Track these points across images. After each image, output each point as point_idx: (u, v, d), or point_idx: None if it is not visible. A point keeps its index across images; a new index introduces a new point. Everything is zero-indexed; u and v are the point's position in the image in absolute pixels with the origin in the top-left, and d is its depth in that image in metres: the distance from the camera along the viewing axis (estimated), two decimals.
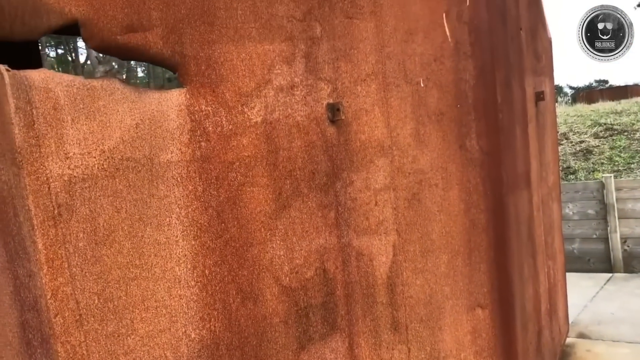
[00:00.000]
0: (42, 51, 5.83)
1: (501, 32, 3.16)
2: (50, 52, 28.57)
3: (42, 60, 5.71)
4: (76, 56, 30.49)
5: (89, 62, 25.14)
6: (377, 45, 2.40)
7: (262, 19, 2.04)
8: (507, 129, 3.20)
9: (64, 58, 30.22)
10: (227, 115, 1.95)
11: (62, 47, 28.85)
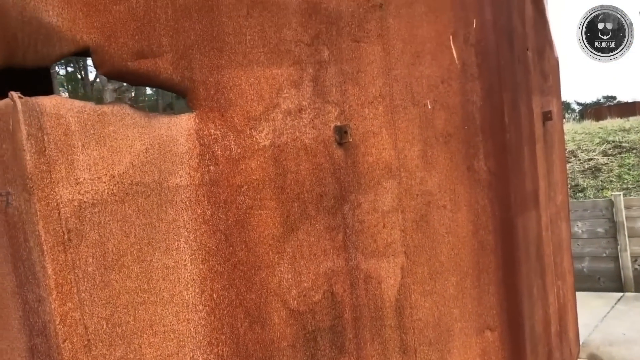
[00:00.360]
0: (51, 69, 5.88)
1: (508, 53, 3.17)
2: (60, 70, 28.87)
3: (52, 78, 5.76)
4: (85, 74, 30.79)
5: (98, 80, 25.38)
6: (385, 68, 2.42)
7: (270, 43, 2.06)
8: (515, 149, 3.20)
9: (73, 76, 30.54)
10: (235, 139, 1.96)
11: (72, 65, 29.17)
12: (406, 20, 2.50)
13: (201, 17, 1.87)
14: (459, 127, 2.73)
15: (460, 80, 2.74)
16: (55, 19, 1.56)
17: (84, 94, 32.11)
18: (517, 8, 3.40)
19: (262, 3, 2.02)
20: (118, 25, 1.68)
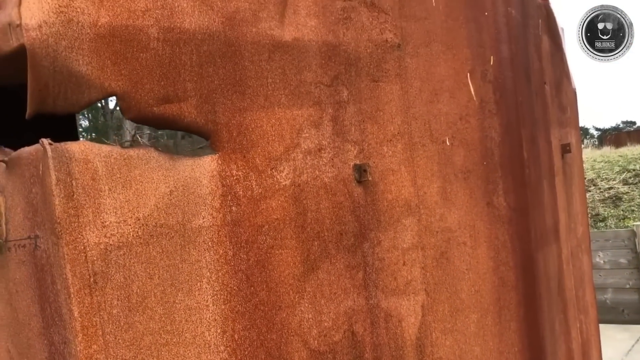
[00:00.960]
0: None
1: (526, 88, 3.19)
2: None
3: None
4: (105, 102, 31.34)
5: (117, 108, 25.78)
6: (403, 107, 2.45)
7: (291, 85, 2.10)
8: (534, 184, 3.19)
9: (94, 105, 31.20)
10: (257, 179, 1.99)
11: None
12: (424, 59, 2.54)
13: (225, 62, 1.92)
14: (478, 163, 2.74)
15: (479, 117, 2.76)
16: (85, 68, 1.62)
17: (104, 122, 32.63)
18: (534, 43, 3.43)
19: (283, 47, 2.08)
20: (145, 72, 1.74)
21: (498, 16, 2.89)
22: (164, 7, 1.79)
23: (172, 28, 1.80)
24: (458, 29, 2.69)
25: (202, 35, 1.87)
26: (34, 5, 1.54)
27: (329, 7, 2.21)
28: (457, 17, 2.68)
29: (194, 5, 1.85)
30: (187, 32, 1.83)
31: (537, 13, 3.53)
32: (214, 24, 1.90)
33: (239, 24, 1.96)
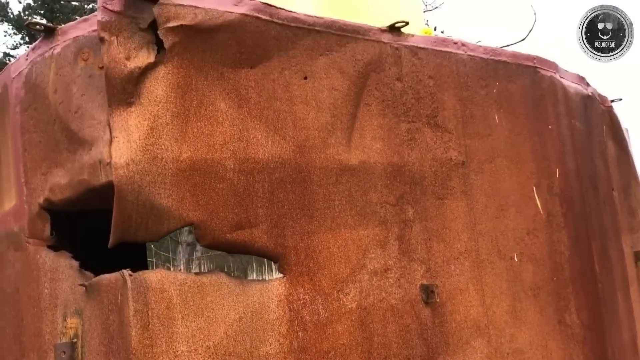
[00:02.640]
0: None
1: (593, 198, 3.11)
2: None
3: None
4: None
5: None
6: (469, 223, 2.43)
7: (357, 206, 2.13)
8: (608, 298, 3.03)
9: None
10: (323, 302, 1.98)
11: None
12: (489, 174, 2.54)
13: (294, 188, 1.98)
14: (547, 279, 2.64)
15: (547, 231, 2.70)
16: (166, 201, 1.70)
17: None
18: (599, 150, 3.38)
19: (350, 170, 2.13)
20: (220, 202, 1.81)
21: (562, 129, 2.89)
22: (240, 139, 1.89)
23: (247, 159, 1.89)
24: (522, 144, 2.69)
25: (274, 163, 1.95)
26: (123, 145, 1.66)
27: (394, 130, 2.28)
28: (520, 132, 2.70)
29: (267, 136, 1.95)
30: (261, 162, 1.92)
31: (600, 120, 3.50)
32: (285, 152, 1.98)
33: (309, 151, 2.04)
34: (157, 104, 1.74)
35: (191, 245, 12.71)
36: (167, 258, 13.28)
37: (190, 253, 13.24)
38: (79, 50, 1.90)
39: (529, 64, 2.80)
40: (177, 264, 13.60)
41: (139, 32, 1.77)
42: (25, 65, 2.11)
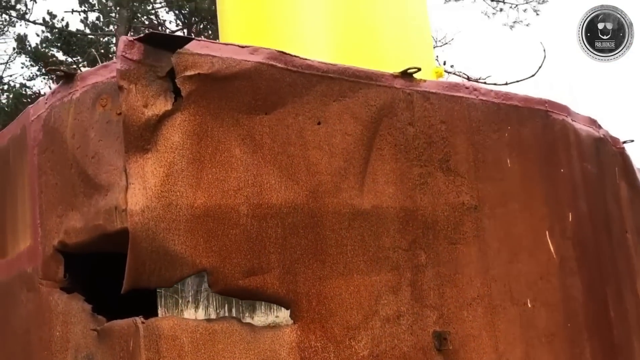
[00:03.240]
0: None
1: (606, 242, 3.09)
2: None
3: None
4: None
5: None
6: (482, 268, 2.41)
7: (369, 251, 2.13)
8: (624, 344, 2.98)
9: None
10: (335, 350, 1.97)
11: None
12: (501, 219, 2.53)
13: (307, 233, 1.99)
14: (561, 325, 2.61)
15: (560, 276, 2.67)
16: (179, 247, 1.71)
17: None
18: (612, 193, 3.37)
19: (362, 214, 2.13)
20: (233, 247, 1.82)
21: (574, 172, 2.89)
22: (254, 184, 1.90)
23: (260, 204, 1.90)
24: (534, 188, 2.69)
25: (287, 208, 1.96)
26: (139, 192, 1.68)
27: (407, 174, 2.28)
28: (532, 176, 2.70)
29: (280, 181, 1.96)
30: (274, 207, 1.93)
31: (613, 161, 3.49)
32: (298, 197, 1.99)
33: (322, 196, 2.05)
34: (173, 151, 1.77)
35: (199, 277, 12.68)
36: (176, 289, 13.23)
37: (198, 284, 13.20)
38: (97, 96, 1.94)
39: (540, 108, 2.82)
40: (185, 295, 13.55)
41: (157, 80, 1.80)
42: (45, 108, 2.15)
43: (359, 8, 3.34)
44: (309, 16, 3.26)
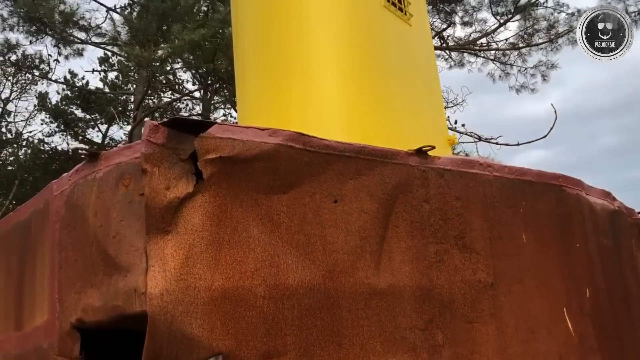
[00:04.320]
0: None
1: (626, 317, 3.04)
2: None
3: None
4: None
5: None
6: (499, 347, 2.37)
7: (386, 332, 2.11)
8: None
9: None
10: None
11: None
12: (518, 296, 2.51)
13: (323, 314, 1.98)
14: None
15: (579, 355, 2.62)
16: (197, 330, 1.71)
17: None
18: (630, 265, 3.33)
19: (379, 294, 2.13)
20: (250, 330, 1.81)
21: (590, 247, 2.87)
22: (271, 265, 1.91)
23: (277, 285, 1.90)
24: (550, 263, 2.68)
25: (304, 289, 1.96)
26: (159, 274, 1.70)
27: (423, 252, 2.29)
28: (548, 252, 2.69)
29: (297, 261, 1.98)
30: (291, 288, 1.93)
31: (629, 234, 3.48)
32: (315, 278, 2.00)
33: (338, 275, 2.06)
34: (193, 233, 1.79)
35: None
36: None
37: None
38: (120, 176, 1.99)
39: (554, 183, 2.84)
40: None
41: (180, 163, 1.86)
42: (68, 185, 2.21)
43: (374, 81, 3.43)
44: (324, 80, 3.35)
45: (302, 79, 3.37)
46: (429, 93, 4.12)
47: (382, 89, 3.46)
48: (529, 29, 12.47)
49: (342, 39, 3.45)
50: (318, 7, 3.52)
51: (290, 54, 3.45)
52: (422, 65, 4.20)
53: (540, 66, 12.75)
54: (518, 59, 12.93)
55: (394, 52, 3.78)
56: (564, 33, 12.14)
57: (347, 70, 3.39)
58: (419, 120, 3.77)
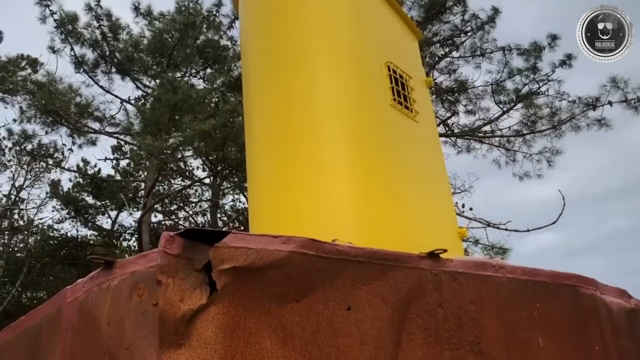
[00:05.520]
0: None
1: None
2: None
3: None
4: None
5: None
6: None
7: None
8: None
9: None
10: None
11: None
12: None
13: None
14: None
15: None
16: None
17: None
18: None
19: None
20: None
21: (609, 348, 2.80)
22: None
23: None
24: None
25: None
26: None
27: (438, 359, 2.24)
28: (566, 354, 2.62)
29: None
30: None
31: None
32: None
33: None
34: (206, 346, 1.78)
35: None
36: None
37: None
38: (135, 285, 2.00)
39: (567, 283, 2.82)
40: None
41: (194, 273, 1.87)
42: (82, 292, 2.21)
43: (383, 178, 3.49)
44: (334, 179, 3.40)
45: (311, 178, 3.43)
46: (437, 187, 4.18)
47: (391, 185, 3.52)
48: (531, 116, 12.76)
49: (351, 137, 3.54)
50: (327, 107, 3.64)
51: (300, 153, 3.54)
52: (430, 160, 4.29)
53: (545, 152, 12.94)
54: (523, 145, 13.14)
55: (401, 149, 3.87)
56: (567, 120, 12.39)
57: (356, 168, 3.45)
58: (429, 215, 3.80)
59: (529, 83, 12.65)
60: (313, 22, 3.94)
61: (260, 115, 3.98)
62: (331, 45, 3.82)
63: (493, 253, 11.97)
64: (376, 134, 3.69)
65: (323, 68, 3.78)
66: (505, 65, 12.76)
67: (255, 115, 4.05)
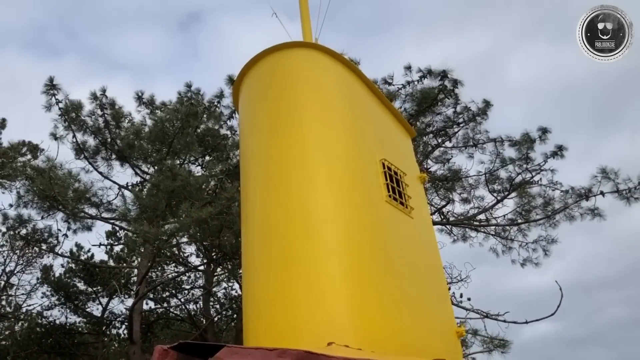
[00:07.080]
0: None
1: None
2: None
3: None
4: None
5: None
6: None
7: None
8: None
9: None
10: None
11: None
12: None
13: None
14: None
15: None
16: None
17: None
18: None
19: None
20: None
21: None
22: None
23: None
24: None
25: None
26: None
27: None
28: None
29: None
30: None
31: None
32: None
33: None
34: None
35: None
36: None
37: None
38: None
39: None
40: None
41: None
42: None
43: (379, 275, 3.47)
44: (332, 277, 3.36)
45: (308, 276, 3.40)
46: (434, 285, 4.15)
47: (388, 285, 3.49)
48: (525, 205, 12.87)
49: (347, 236, 3.55)
50: (323, 204, 3.67)
51: (296, 250, 3.52)
52: (426, 257, 4.28)
53: (541, 241, 12.94)
54: (518, 233, 13.17)
55: (398, 246, 3.87)
56: (560, 210, 12.50)
57: (352, 265, 3.43)
58: (426, 315, 3.74)
59: (521, 172, 12.87)
60: (309, 121, 4.06)
61: (258, 208, 4.00)
62: (327, 142, 3.92)
63: (493, 346, 11.66)
64: (372, 231, 3.70)
65: (319, 164, 3.85)
66: (497, 155, 13.04)
67: (252, 209, 4.07)
